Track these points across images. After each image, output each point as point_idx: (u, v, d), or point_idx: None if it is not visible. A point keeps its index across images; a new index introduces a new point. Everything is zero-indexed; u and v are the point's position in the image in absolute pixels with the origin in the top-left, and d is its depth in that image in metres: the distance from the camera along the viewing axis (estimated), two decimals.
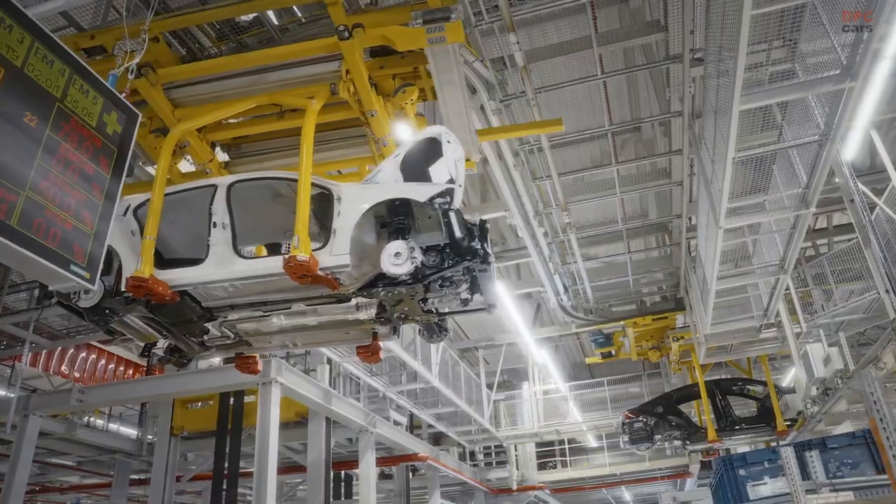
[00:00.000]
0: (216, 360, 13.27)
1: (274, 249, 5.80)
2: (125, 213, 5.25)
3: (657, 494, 23.75)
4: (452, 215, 4.73)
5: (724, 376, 17.04)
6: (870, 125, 9.12)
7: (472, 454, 22.42)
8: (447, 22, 5.57)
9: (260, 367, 6.57)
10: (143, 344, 5.88)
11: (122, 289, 4.94)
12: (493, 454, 22.74)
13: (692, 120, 9.39)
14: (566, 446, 22.41)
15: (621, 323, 15.27)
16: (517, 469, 20.71)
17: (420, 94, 6.37)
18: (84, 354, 16.50)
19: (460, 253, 4.78)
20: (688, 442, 14.79)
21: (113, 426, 18.65)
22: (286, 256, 4.55)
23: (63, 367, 15.64)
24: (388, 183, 4.92)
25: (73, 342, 12.44)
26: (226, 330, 5.59)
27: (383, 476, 20.22)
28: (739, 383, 15.15)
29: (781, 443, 9.28)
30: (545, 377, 21.64)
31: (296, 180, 4.96)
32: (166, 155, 5.69)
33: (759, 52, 8.20)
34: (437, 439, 20.04)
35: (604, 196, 11.34)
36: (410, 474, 18.65)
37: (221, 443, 11.84)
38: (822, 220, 14.79)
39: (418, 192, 4.78)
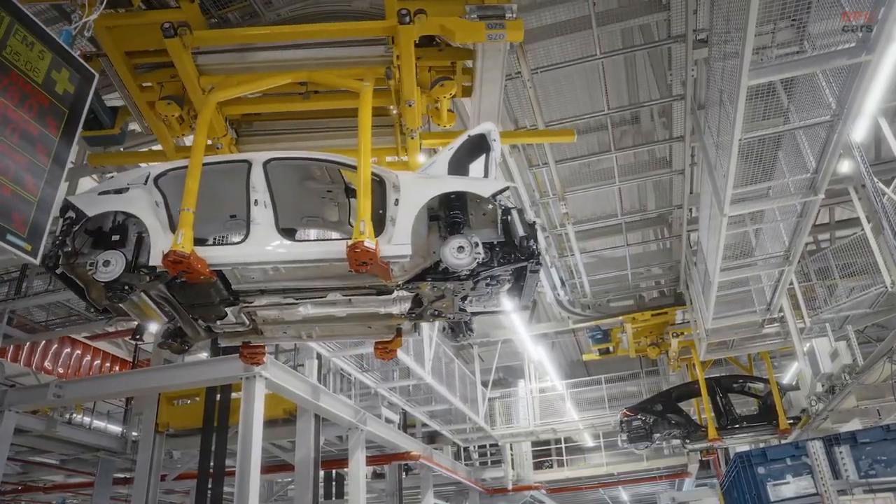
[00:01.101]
0: (203, 354, 12.99)
1: (288, 235, 5.39)
2: (145, 181, 4.86)
3: (655, 495, 23.40)
4: (514, 213, 4.69)
5: (724, 374, 16.64)
6: (878, 112, 8.77)
7: (468, 453, 22.06)
8: (506, 20, 5.47)
9: (265, 359, 6.21)
10: (137, 326, 5.44)
11: (149, 263, 4.56)
12: (489, 453, 22.43)
13: (694, 104, 9.04)
14: (562, 445, 22.08)
15: (619, 318, 14.92)
16: (513, 469, 20.33)
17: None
18: (69, 350, 16.12)
19: (517, 252, 4.65)
20: (687, 441, 14.42)
21: (100, 424, 18.18)
22: (350, 242, 4.36)
23: (46, 363, 15.24)
24: (441, 175, 4.86)
25: (53, 335, 12.03)
26: (244, 316, 5.24)
27: (376, 476, 19.88)
28: (740, 381, 14.78)
29: (805, 438, 8.57)
30: (541, 375, 21.33)
31: (347, 164, 4.87)
32: (204, 122, 5.34)
33: (765, 35, 7.87)
34: (432, 438, 19.69)
35: (602, 185, 10.98)
36: (403, 474, 18.31)
37: (207, 440, 11.46)
38: (823, 214, 14.44)
39: (482, 188, 4.74)
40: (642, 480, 21.71)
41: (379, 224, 4.64)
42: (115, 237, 4.66)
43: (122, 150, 7.44)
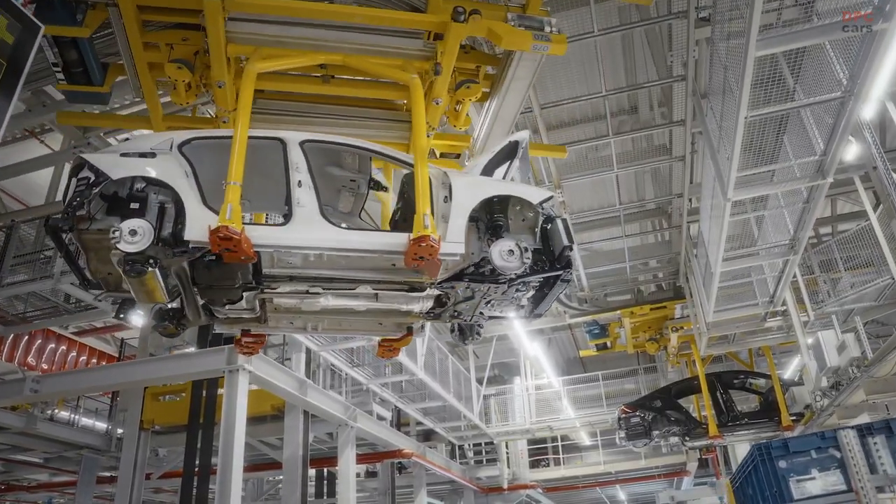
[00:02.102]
0: (190, 348, 12.62)
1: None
2: (170, 148, 4.49)
3: (653, 494, 23.04)
4: (559, 223, 4.77)
5: (724, 370, 16.28)
6: (886, 95, 8.43)
7: (462, 452, 21.72)
8: (549, 31, 5.62)
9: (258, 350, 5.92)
10: (122, 303, 5.01)
11: (185, 237, 4.20)
12: (484, 452, 22.08)
13: (696, 86, 8.68)
14: (559, 443, 21.76)
15: (617, 313, 14.59)
16: (508, 467, 20.01)
17: None
18: (53, 345, 15.70)
19: (556, 261, 4.74)
20: (687, 438, 14.06)
21: (89, 421, 17.75)
22: (415, 235, 4.31)
23: (30, 359, 14.83)
24: (491, 179, 4.96)
25: (30, 328, 11.63)
26: (257, 303, 4.89)
27: (369, 474, 19.52)
28: (741, 376, 14.41)
29: (842, 426, 7.87)
30: (538, 372, 21.01)
31: (399, 159, 4.90)
32: (249, 92, 4.98)
33: (772, 13, 7.53)
34: (428, 438, 19.32)
35: (600, 173, 10.61)
36: (397, 472, 17.96)
37: (193, 437, 11.11)
38: (825, 207, 14.11)
39: (532, 195, 4.83)
40: (640, 479, 21.38)
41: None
42: (134, 205, 4.21)
43: (97, 112, 7.07)
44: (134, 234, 4.05)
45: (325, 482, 16.49)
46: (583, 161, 10.94)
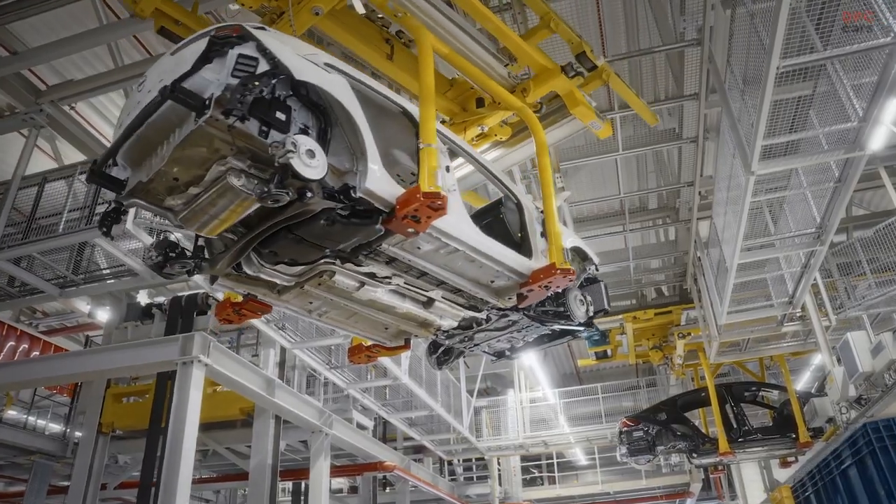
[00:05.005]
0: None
1: None
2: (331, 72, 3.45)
3: None
4: (602, 286, 5.42)
5: (734, 381, 15.22)
6: None
7: (451, 467, 20.63)
8: (601, 119, 6.25)
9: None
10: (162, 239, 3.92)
11: (358, 193, 3.36)
12: (474, 468, 21.04)
13: (711, 52, 7.76)
14: (554, 460, 20.69)
15: (619, 318, 13.56)
16: (500, 485, 18.93)
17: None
18: (13, 343, 14.60)
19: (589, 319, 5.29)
20: (694, 455, 12.91)
21: (43, 423, 16.43)
22: (555, 262, 4.39)
23: None
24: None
25: None
26: (307, 272, 4.02)
27: (352, 490, 18.42)
28: (753, 388, 13.30)
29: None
30: (532, 385, 20.01)
31: (508, 190, 4.84)
32: (429, 65, 4.19)
33: None
34: (418, 452, 18.22)
35: (603, 157, 9.66)
36: (382, 488, 16.84)
37: (153, 442, 9.94)
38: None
39: (594, 256, 5.43)
40: (640, 500, 20.46)
41: (519, 248, 4.56)
42: (282, 116, 3.18)
43: None
44: (312, 157, 3.08)
45: (302, 496, 15.30)
46: (584, 145, 10.00)
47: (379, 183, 3.42)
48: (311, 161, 3.04)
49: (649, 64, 9.18)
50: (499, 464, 19.32)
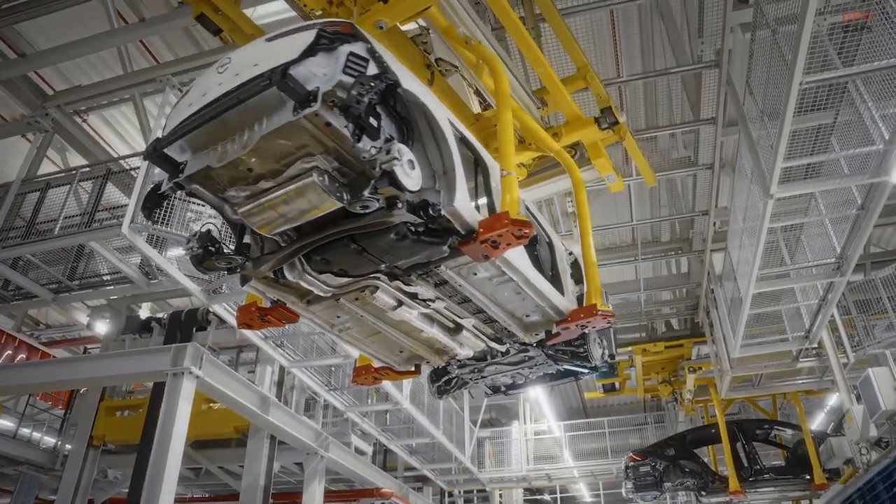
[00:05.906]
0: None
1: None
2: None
3: None
4: (612, 332, 5.49)
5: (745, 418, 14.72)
6: None
7: (452, 499, 20.06)
8: (615, 174, 6.37)
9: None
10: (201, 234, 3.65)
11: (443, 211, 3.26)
12: (475, 500, 20.45)
13: (729, 75, 7.57)
14: (557, 495, 20.09)
15: (628, 349, 13.19)
16: None
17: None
18: (10, 352, 14.42)
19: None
20: (703, 493, 12.42)
21: (37, 435, 16.09)
22: (594, 305, 4.34)
23: None
24: None
25: None
26: (349, 284, 3.89)
27: None
28: (766, 426, 12.83)
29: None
30: (537, 417, 19.53)
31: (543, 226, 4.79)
32: (505, 84, 4.26)
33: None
34: (418, 482, 17.73)
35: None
36: None
37: (144, 457, 9.63)
38: None
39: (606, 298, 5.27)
40: None
41: (558, 285, 4.48)
42: (374, 122, 3.05)
43: None
44: (412, 167, 2.98)
45: None
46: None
47: (464, 204, 3.31)
48: (411, 172, 2.98)
49: (664, 88, 9.00)
50: (500, 496, 18.86)
